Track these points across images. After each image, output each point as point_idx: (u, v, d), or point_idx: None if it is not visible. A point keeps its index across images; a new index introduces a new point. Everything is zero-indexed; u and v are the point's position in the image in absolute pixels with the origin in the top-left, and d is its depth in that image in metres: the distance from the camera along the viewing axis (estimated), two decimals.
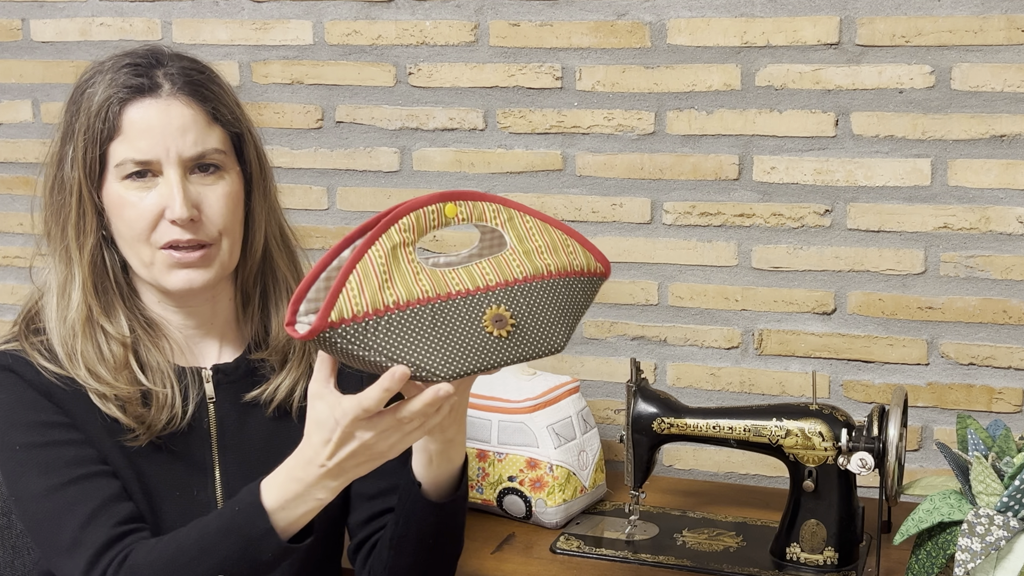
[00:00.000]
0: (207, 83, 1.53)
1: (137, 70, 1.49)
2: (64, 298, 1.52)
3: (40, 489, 1.44)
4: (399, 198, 2.30)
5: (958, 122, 1.99)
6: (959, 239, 2.02)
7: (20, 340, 1.53)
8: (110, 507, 1.44)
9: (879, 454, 1.70)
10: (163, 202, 1.47)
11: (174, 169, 1.47)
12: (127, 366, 1.50)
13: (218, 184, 1.51)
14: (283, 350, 1.60)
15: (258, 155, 1.58)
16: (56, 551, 1.44)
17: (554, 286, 1.37)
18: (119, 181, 1.48)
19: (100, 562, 1.40)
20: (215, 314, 1.59)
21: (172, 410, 1.52)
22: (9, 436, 1.48)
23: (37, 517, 1.45)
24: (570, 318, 1.38)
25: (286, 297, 1.61)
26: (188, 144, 1.48)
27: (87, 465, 1.46)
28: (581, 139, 2.19)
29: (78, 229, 1.50)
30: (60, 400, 1.49)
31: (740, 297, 2.15)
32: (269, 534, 1.34)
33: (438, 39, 2.23)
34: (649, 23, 2.11)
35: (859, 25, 2.01)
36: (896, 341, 2.08)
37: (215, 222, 1.50)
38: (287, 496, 1.34)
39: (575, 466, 1.97)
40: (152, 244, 1.48)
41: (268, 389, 1.58)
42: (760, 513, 2.00)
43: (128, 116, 1.47)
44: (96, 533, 1.42)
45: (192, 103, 1.49)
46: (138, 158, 1.46)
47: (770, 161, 2.09)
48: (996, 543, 1.45)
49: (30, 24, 2.48)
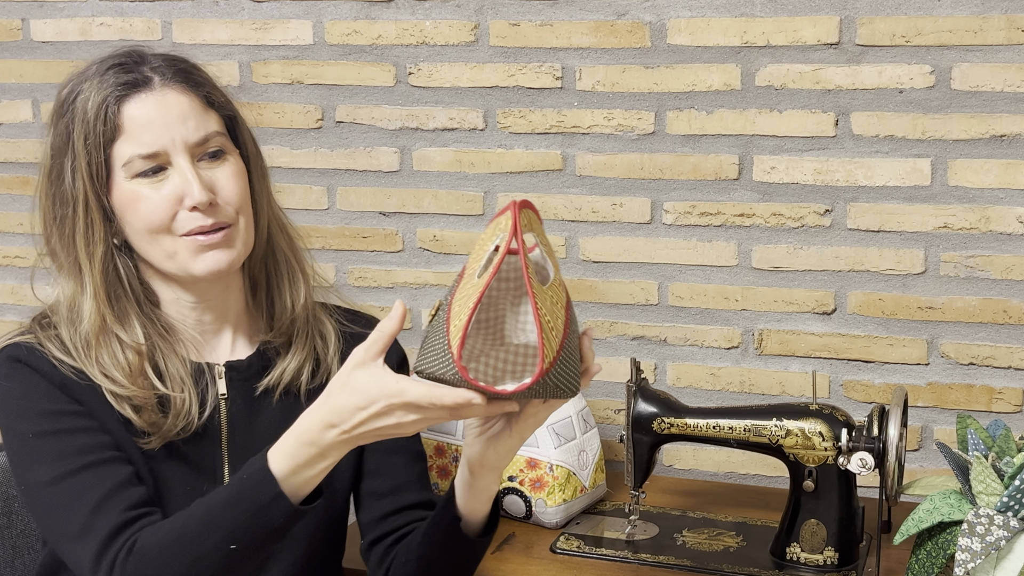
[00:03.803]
0: (193, 71, 1.54)
1: (124, 68, 1.49)
2: (75, 311, 1.51)
3: (50, 476, 1.44)
4: (399, 198, 2.31)
5: (958, 122, 1.99)
6: (959, 239, 2.02)
7: (35, 332, 1.52)
8: (121, 492, 1.44)
9: (879, 454, 1.70)
10: (178, 191, 1.47)
11: (182, 157, 1.48)
12: (143, 373, 1.50)
13: (225, 165, 1.52)
14: (287, 332, 1.61)
15: (251, 136, 1.60)
16: (66, 538, 1.43)
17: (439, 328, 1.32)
18: (129, 180, 1.48)
19: (111, 548, 1.39)
20: (228, 305, 1.59)
21: (188, 417, 1.52)
22: (20, 425, 1.47)
23: (47, 504, 1.44)
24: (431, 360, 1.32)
25: (287, 278, 1.62)
26: (191, 130, 1.48)
27: (99, 452, 1.46)
28: (581, 139, 2.19)
29: (87, 239, 1.50)
30: (75, 392, 1.49)
31: (740, 297, 2.15)
32: (279, 499, 1.34)
33: (438, 39, 2.23)
34: (649, 23, 2.11)
35: (859, 25, 2.01)
36: (896, 341, 2.08)
37: (231, 202, 1.51)
38: (299, 461, 1.34)
39: (575, 466, 1.97)
40: (174, 233, 1.48)
41: (275, 374, 1.59)
42: (760, 513, 2.00)
43: (127, 113, 1.47)
44: (107, 518, 1.41)
45: (186, 90, 1.50)
46: (145, 152, 1.47)
47: (770, 161, 2.09)
48: (996, 543, 1.45)
49: (30, 24, 2.48)
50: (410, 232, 2.32)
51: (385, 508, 1.61)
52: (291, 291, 1.62)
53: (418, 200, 2.30)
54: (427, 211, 2.30)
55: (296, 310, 1.61)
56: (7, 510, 1.83)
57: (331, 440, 1.33)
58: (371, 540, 1.63)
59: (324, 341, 1.63)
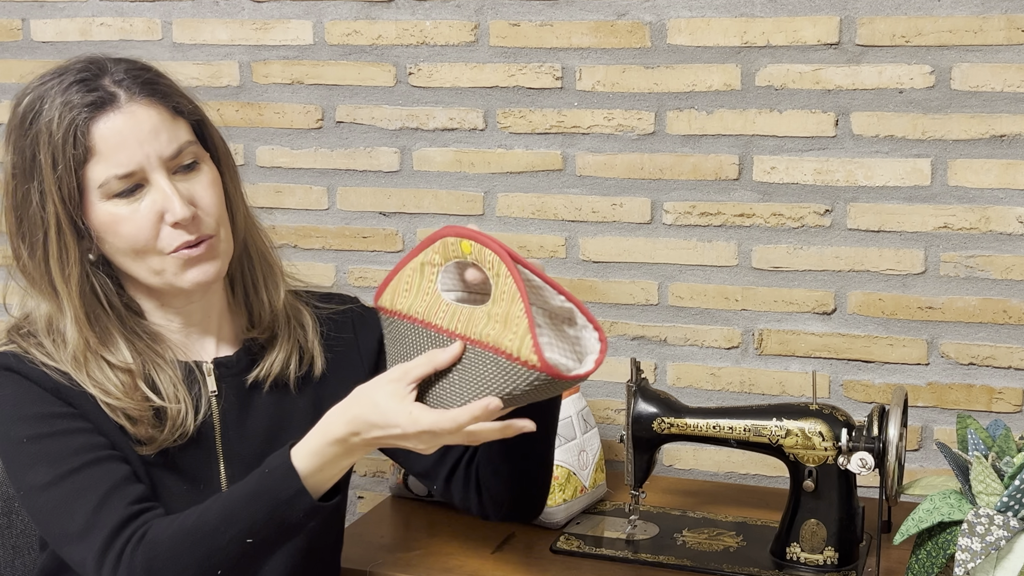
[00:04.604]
0: (156, 80, 1.51)
1: (86, 85, 1.46)
2: (56, 332, 1.49)
3: (49, 478, 1.43)
4: (399, 198, 2.31)
5: (958, 122, 1.99)
6: (959, 239, 2.02)
7: (16, 343, 1.51)
8: (122, 488, 1.43)
9: (879, 454, 1.70)
10: (159, 207, 1.46)
11: (158, 172, 1.46)
12: (136, 388, 1.49)
13: (201, 176, 1.50)
14: (270, 327, 1.61)
15: (219, 136, 1.58)
16: (69, 538, 1.42)
17: (481, 358, 1.34)
18: (105, 201, 1.46)
19: (117, 541, 1.39)
20: (211, 306, 1.59)
21: (184, 426, 1.51)
22: (14, 431, 1.46)
23: (47, 507, 1.44)
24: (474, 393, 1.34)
25: (263, 276, 1.62)
26: (164, 144, 1.46)
27: (96, 451, 1.45)
28: (581, 139, 2.19)
29: (61, 263, 1.47)
30: (68, 396, 1.48)
31: (740, 297, 2.15)
32: (300, 494, 1.36)
33: (438, 39, 2.23)
34: (649, 23, 2.11)
35: (859, 25, 2.01)
36: (896, 341, 2.08)
37: (211, 213, 1.50)
38: (324, 459, 1.37)
39: (575, 466, 1.97)
40: (160, 251, 1.47)
41: (264, 367, 1.59)
42: (760, 513, 2.00)
43: (97, 134, 1.44)
44: (110, 514, 1.41)
45: (153, 103, 1.48)
46: (120, 172, 1.44)
47: (770, 161, 2.09)
48: (996, 543, 1.45)
49: (30, 24, 2.48)
50: (410, 232, 2.32)
51: None
52: (269, 288, 1.62)
53: (418, 200, 2.30)
54: (427, 211, 2.30)
55: (275, 305, 1.61)
56: (7, 510, 1.82)
57: (356, 443, 1.37)
58: (445, 477, 1.62)
59: (304, 330, 1.64)
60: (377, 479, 2.38)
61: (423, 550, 1.88)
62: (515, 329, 1.30)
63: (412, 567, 1.82)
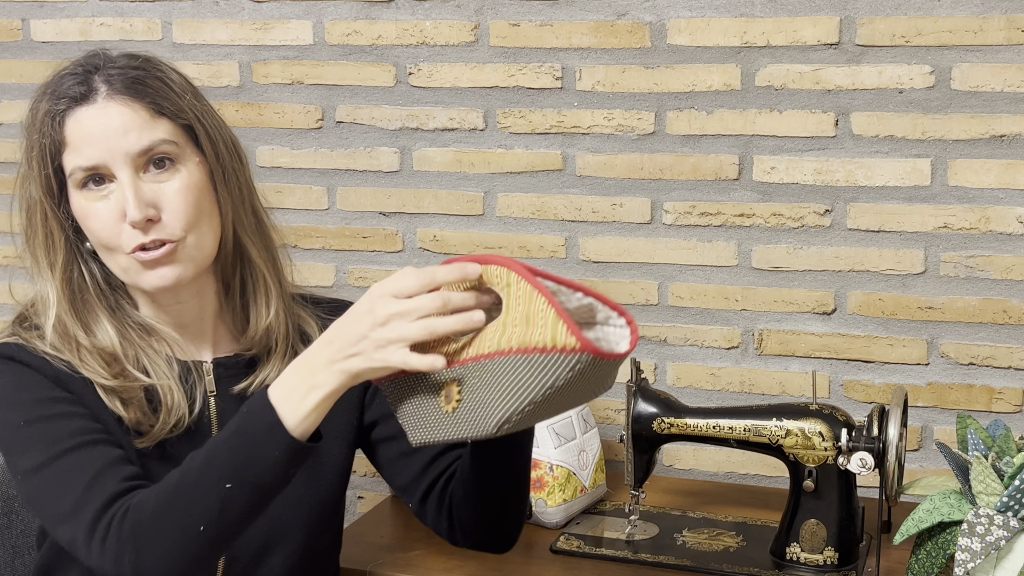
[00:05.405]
0: (145, 79, 1.50)
1: (76, 79, 1.49)
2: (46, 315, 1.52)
3: (43, 459, 1.43)
4: (399, 198, 2.31)
5: (958, 122, 1.99)
6: (959, 239, 2.02)
7: (18, 334, 1.52)
8: (115, 468, 1.42)
9: (879, 454, 1.70)
10: (120, 206, 1.46)
11: (123, 170, 1.46)
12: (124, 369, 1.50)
13: (175, 178, 1.49)
14: (263, 342, 1.60)
15: (213, 142, 1.54)
16: (60, 517, 1.42)
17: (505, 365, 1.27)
18: (78, 192, 1.49)
19: (106, 515, 1.38)
20: (203, 309, 1.59)
21: (179, 414, 1.51)
22: (11, 416, 1.47)
23: (40, 487, 1.43)
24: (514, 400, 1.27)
25: (263, 288, 1.60)
26: (132, 141, 1.46)
27: (91, 434, 1.45)
28: (581, 139, 2.19)
29: (46, 248, 1.51)
30: (68, 384, 1.49)
31: (740, 297, 2.15)
32: (276, 427, 1.32)
33: (438, 39, 2.23)
34: (649, 23, 2.11)
35: (859, 25, 2.01)
36: (896, 341, 2.08)
37: (176, 218, 1.48)
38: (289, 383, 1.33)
39: (575, 466, 1.97)
40: (122, 250, 1.48)
41: (257, 380, 1.58)
42: (760, 513, 2.00)
43: (69, 127, 1.47)
44: (101, 491, 1.40)
45: (129, 101, 1.47)
46: (85, 165, 1.46)
47: (770, 161, 2.09)
48: (996, 543, 1.45)
49: (30, 24, 2.48)
50: (410, 232, 2.32)
51: (423, 459, 1.59)
52: (263, 304, 1.59)
53: (418, 200, 2.30)
54: (427, 211, 2.30)
55: (262, 324, 1.59)
56: (7, 510, 1.83)
57: (323, 359, 1.32)
58: (420, 496, 1.60)
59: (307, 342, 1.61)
60: (377, 479, 2.38)
61: (423, 550, 1.88)
62: (542, 322, 1.25)
63: (412, 567, 1.82)
